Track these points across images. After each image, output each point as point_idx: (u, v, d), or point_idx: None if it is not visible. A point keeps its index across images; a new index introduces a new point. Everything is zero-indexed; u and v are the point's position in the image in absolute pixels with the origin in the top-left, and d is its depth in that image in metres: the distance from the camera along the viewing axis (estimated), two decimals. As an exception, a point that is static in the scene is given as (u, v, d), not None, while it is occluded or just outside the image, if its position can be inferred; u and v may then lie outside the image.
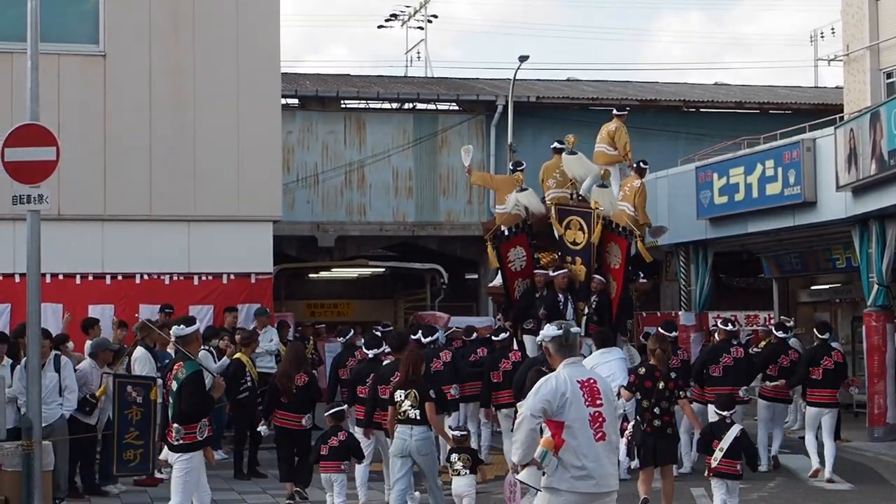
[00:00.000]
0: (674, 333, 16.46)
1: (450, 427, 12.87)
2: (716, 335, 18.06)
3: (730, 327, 17.21)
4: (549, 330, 8.12)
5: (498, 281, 19.84)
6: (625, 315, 18.78)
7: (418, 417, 11.87)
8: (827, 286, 26.44)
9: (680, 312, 26.85)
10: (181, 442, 10.91)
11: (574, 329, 8.16)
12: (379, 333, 16.66)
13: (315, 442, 13.10)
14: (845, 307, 25.63)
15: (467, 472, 11.85)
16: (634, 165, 20.62)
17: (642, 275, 19.93)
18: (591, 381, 7.94)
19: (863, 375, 21.45)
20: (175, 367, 11.08)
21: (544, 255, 19.13)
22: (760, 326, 24.24)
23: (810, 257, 25.36)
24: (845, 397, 22.40)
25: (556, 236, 19.12)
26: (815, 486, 15.28)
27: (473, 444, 15.20)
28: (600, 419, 7.82)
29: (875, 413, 19.84)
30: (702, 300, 26.04)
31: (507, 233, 18.72)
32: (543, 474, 7.74)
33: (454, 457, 11.92)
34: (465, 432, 12.45)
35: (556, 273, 18.06)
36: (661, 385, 12.69)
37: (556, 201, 19.37)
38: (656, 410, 12.66)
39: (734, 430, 11.93)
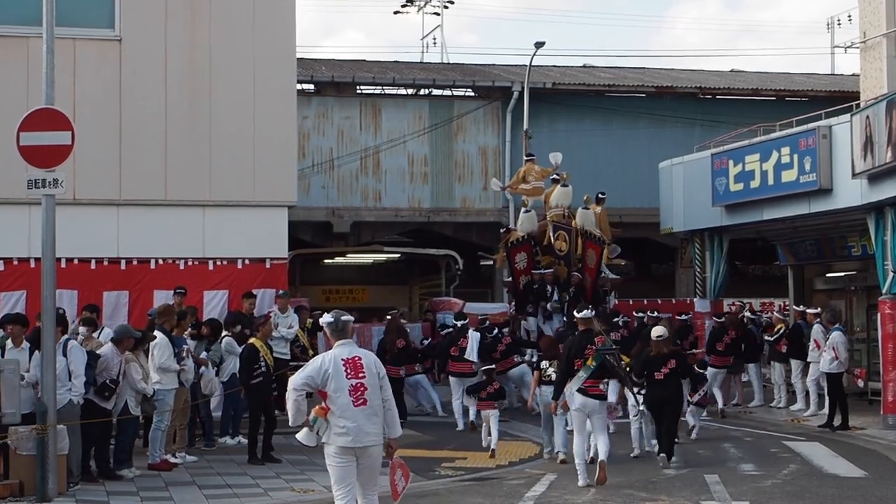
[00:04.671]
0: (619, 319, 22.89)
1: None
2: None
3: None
4: (326, 318, 9.72)
5: None
6: (596, 300, 23.53)
7: None
8: (842, 273, 26.37)
9: (695, 299, 26.82)
10: None
11: (345, 317, 9.72)
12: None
13: (474, 388, 18.19)
14: (860, 295, 25.57)
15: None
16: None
17: (611, 273, 25.26)
18: (357, 358, 9.58)
19: (877, 363, 21.41)
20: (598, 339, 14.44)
21: (544, 258, 24.55)
22: (777, 313, 24.43)
23: (826, 244, 25.31)
24: (854, 387, 22.50)
25: (552, 245, 24.40)
26: (828, 474, 15.27)
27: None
28: (362, 388, 9.47)
29: (889, 401, 19.79)
30: (717, 287, 26.03)
31: (515, 242, 24.60)
32: (318, 435, 9.44)
33: None
34: None
35: (546, 271, 24.03)
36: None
37: (552, 219, 24.57)
38: None
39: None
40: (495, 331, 22.03)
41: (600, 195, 25.71)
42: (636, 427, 17.03)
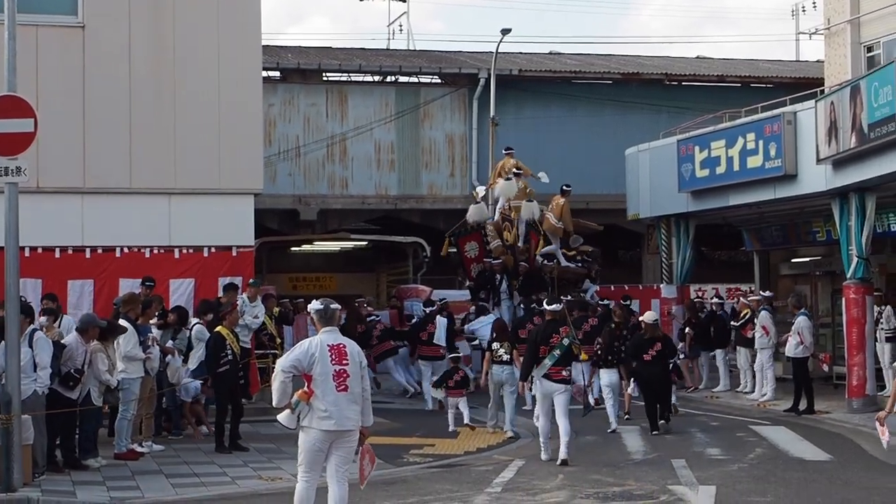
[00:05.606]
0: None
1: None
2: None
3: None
4: (315, 305, 9.99)
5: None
6: (537, 287, 24.53)
7: (509, 360, 17.40)
8: (807, 259, 26.52)
9: (661, 285, 26.91)
10: None
11: (333, 306, 9.99)
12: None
13: (442, 377, 18.97)
14: (825, 280, 25.72)
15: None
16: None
17: (571, 264, 25.84)
18: (341, 345, 9.84)
19: (842, 347, 21.56)
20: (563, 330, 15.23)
21: (497, 249, 25.43)
22: (745, 299, 24.63)
23: (791, 230, 25.43)
24: (819, 371, 22.65)
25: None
26: (794, 458, 15.38)
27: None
28: (344, 375, 9.72)
29: (854, 385, 19.93)
30: (683, 273, 26.11)
31: (463, 231, 25.96)
32: (298, 418, 9.68)
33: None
34: None
35: (494, 262, 25.04)
36: (624, 332, 19.55)
37: (501, 211, 25.95)
38: (622, 349, 18.91)
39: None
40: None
41: (565, 187, 25.99)
42: (610, 405, 18.36)
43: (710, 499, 12.29)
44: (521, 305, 24.49)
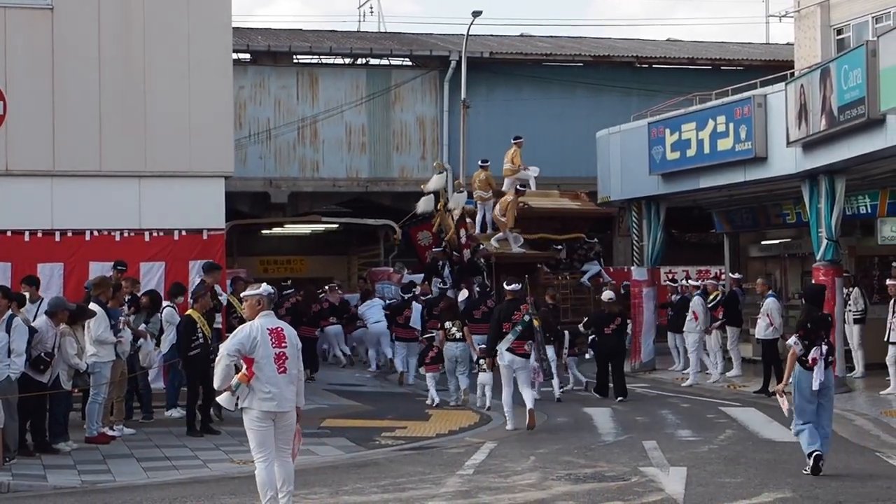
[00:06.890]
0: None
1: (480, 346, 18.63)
2: None
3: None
4: (267, 288, 10.47)
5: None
6: (471, 273, 26.34)
7: (461, 337, 18.93)
8: (777, 241, 26.65)
9: (632, 267, 26.98)
10: None
11: (273, 290, 10.58)
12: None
13: (420, 354, 20.86)
14: (795, 262, 25.86)
15: (488, 370, 17.76)
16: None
17: (513, 248, 26.97)
18: (280, 329, 10.23)
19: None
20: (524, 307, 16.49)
21: (450, 238, 27.43)
22: (710, 281, 24.70)
23: (761, 213, 25.54)
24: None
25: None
26: (764, 439, 15.48)
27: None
28: (284, 357, 10.09)
29: (823, 366, 20.02)
30: (654, 255, 26.15)
31: (415, 221, 28.20)
32: (237, 399, 10.01)
33: (481, 361, 18.01)
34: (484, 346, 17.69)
35: (435, 250, 27.40)
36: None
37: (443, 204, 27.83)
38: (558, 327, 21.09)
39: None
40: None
41: (519, 187, 27.06)
42: (557, 383, 20.01)
43: (681, 480, 12.35)
44: (477, 289, 25.11)
